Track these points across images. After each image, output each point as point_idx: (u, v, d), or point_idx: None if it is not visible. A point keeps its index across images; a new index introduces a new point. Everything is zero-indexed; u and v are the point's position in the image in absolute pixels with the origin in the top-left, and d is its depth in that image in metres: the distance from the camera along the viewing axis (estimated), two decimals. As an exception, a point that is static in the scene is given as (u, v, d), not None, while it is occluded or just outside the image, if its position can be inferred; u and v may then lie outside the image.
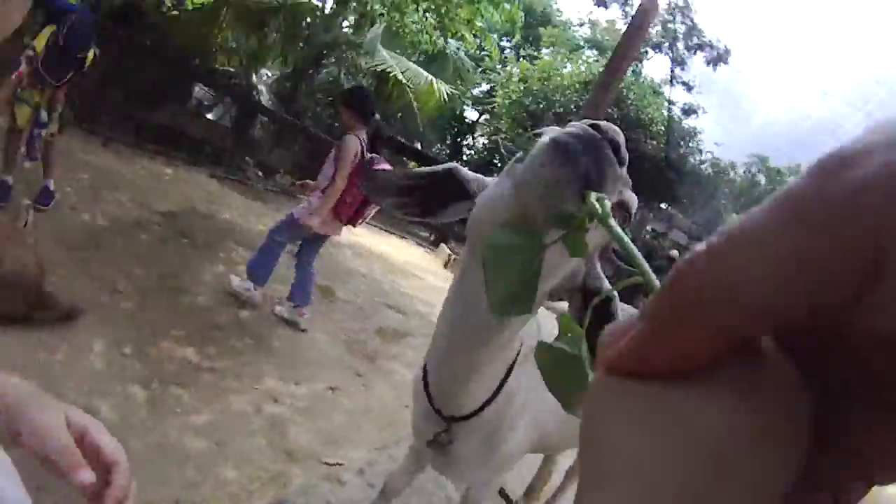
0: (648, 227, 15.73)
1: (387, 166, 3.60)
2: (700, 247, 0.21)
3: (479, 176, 1.16)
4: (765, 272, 0.19)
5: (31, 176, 4.12)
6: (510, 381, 1.37)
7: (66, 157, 4.71)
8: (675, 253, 11.46)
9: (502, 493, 2.81)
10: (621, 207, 0.86)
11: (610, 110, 10.23)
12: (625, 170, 0.79)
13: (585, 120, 0.79)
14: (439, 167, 1.16)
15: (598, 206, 0.58)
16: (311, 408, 2.95)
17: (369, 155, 3.72)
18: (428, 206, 1.19)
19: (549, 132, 0.90)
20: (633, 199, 0.91)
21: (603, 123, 0.77)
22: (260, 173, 9.38)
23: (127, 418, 2.26)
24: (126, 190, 4.90)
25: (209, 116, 8.86)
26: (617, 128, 0.79)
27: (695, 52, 11.81)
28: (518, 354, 1.35)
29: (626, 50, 4.77)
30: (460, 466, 1.50)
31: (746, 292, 0.19)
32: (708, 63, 11.25)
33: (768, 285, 0.19)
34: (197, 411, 2.51)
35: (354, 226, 3.91)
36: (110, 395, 2.32)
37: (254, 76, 10.69)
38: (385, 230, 9.37)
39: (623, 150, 0.77)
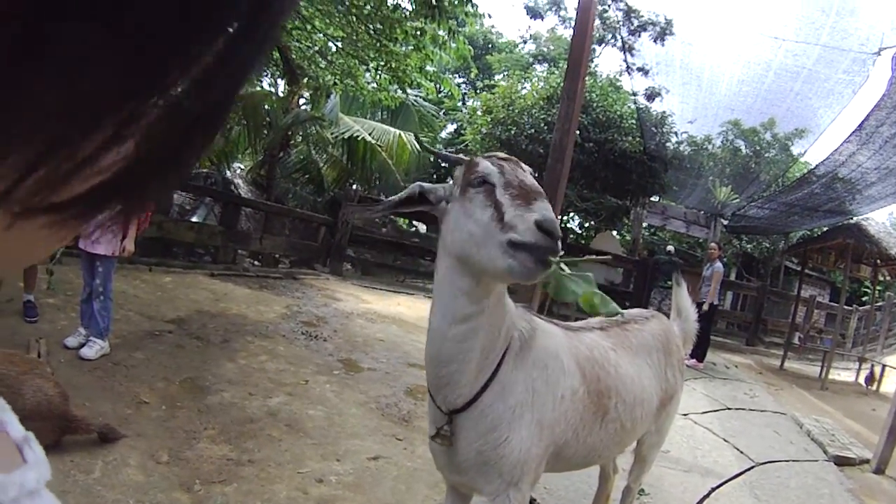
0: (645, 224, 15.45)
1: None
2: None
3: (435, 186, 1.53)
4: None
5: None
6: (503, 373, 1.54)
7: (67, 283, 4.73)
8: (670, 248, 11.31)
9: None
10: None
11: (581, 118, 10.05)
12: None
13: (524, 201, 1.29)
14: (407, 191, 1.57)
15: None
16: (358, 482, 2.86)
17: None
18: (400, 212, 1.63)
19: (483, 167, 1.37)
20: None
21: (547, 223, 1.23)
22: (256, 263, 9.45)
23: (176, 527, 2.18)
24: (131, 305, 4.88)
25: (194, 219, 9.01)
26: (554, 218, 1.26)
27: (639, 35, 11.44)
28: (508, 349, 1.55)
29: (579, 53, 4.70)
30: (467, 465, 1.58)
31: None
32: (655, 40, 10.81)
33: None
34: (245, 506, 2.43)
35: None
36: (155, 505, 2.25)
37: (227, 171, 11.04)
38: (391, 290, 9.32)
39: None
